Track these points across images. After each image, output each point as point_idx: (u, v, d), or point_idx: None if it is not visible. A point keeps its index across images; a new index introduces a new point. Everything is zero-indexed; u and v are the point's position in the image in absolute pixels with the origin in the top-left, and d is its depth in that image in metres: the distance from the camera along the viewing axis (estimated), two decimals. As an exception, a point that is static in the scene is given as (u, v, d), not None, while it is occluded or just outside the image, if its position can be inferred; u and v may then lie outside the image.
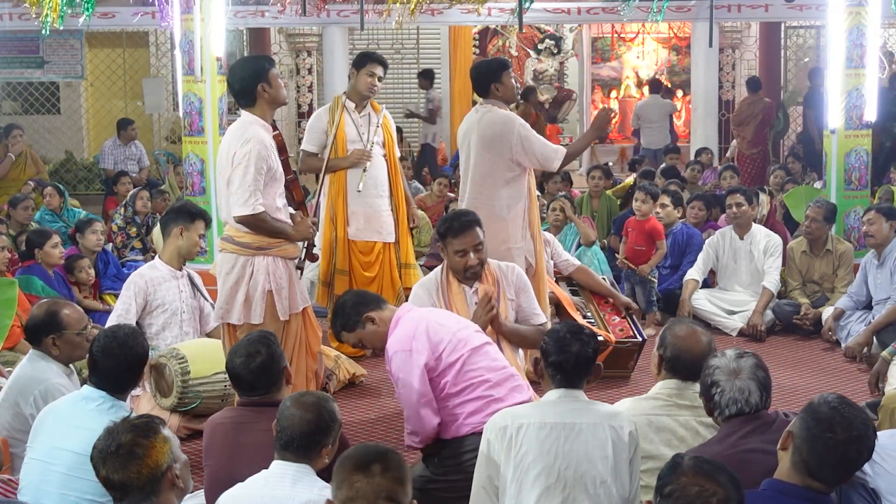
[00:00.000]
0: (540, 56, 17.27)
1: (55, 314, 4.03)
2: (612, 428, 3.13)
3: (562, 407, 3.18)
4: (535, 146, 5.37)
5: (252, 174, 4.46)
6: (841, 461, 2.63)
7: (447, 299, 4.64)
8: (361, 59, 6.38)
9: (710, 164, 11.37)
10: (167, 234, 5.51)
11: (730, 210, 7.17)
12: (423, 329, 3.87)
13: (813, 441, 2.63)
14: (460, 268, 4.62)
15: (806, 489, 2.64)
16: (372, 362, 6.25)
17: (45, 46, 12.17)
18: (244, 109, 4.68)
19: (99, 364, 3.50)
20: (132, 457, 2.67)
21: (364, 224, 6.32)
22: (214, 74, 7.65)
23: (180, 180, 9.59)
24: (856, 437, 2.62)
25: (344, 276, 6.32)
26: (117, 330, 3.68)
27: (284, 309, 4.70)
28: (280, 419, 3.05)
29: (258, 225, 4.56)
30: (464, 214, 4.74)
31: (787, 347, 6.67)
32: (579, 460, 3.09)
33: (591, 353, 3.28)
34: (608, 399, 5.23)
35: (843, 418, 2.64)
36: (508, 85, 5.48)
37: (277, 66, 4.89)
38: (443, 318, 4.03)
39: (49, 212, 8.81)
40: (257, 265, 4.63)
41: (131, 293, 5.30)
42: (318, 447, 3.02)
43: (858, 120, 7.74)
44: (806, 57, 14.28)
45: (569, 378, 3.25)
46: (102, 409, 3.40)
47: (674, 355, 3.37)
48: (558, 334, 3.31)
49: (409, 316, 4.00)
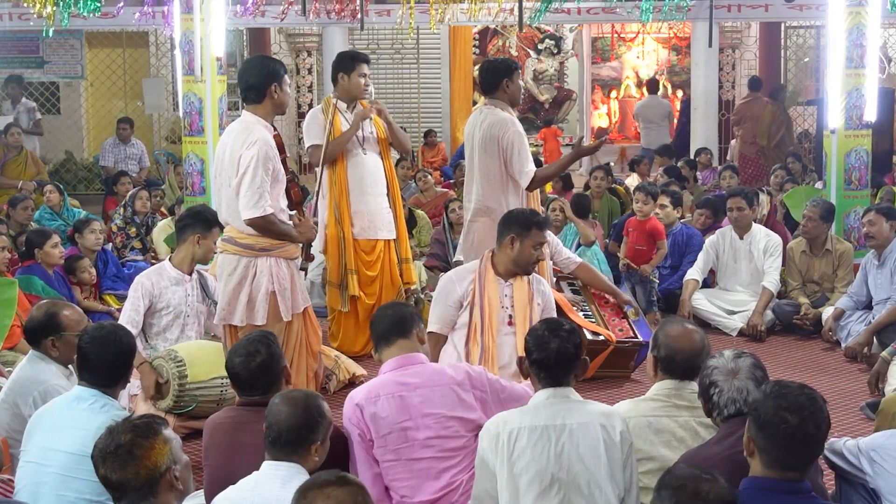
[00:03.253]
0: (540, 56, 17.28)
1: (54, 315, 4.02)
2: (602, 427, 3.12)
3: (551, 408, 3.17)
4: (516, 157, 5.45)
5: (260, 176, 4.50)
6: (805, 441, 2.63)
7: (482, 286, 4.81)
8: (349, 63, 6.30)
9: (710, 164, 11.38)
10: (182, 240, 5.49)
11: (730, 213, 7.17)
12: (378, 404, 3.50)
13: (772, 437, 2.63)
14: (532, 260, 4.83)
15: (782, 481, 2.64)
16: (372, 363, 6.24)
17: (45, 46, 12.18)
18: (249, 107, 4.72)
19: (88, 356, 3.49)
20: (130, 457, 2.67)
21: (368, 222, 6.33)
22: (214, 74, 7.65)
23: (180, 180, 9.59)
24: (808, 416, 2.62)
25: (354, 276, 6.32)
26: (103, 324, 3.72)
27: (288, 309, 4.73)
28: (268, 416, 3.05)
29: (267, 227, 4.59)
30: (538, 213, 4.98)
31: (787, 347, 6.66)
32: (572, 462, 3.07)
33: (571, 348, 3.26)
34: (608, 399, 5.24)
35: (789, 402, 2.64)
36: (517, 85, 5.61)
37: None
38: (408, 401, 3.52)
39: (49, 210, 8.81)
40: (260, 266, 4.66)
41: (138, 294, 5.29)
42: (307, 443, 3.01)
43: (858, 120, 7.73)
44: (806, 57, 14.28)
45: (553, 375, 3.23)
46: (94, 408, 3.40)
47: (667, 355, 3.36)
48: (537, 332, 3.31)
49: (386, 379, 3.58)
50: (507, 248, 4.77)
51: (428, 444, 3.46)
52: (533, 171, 5.45)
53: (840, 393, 5.59)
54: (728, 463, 2.96)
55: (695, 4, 10.61)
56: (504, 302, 4.84)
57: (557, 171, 5.60)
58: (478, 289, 4.80)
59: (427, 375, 3.55)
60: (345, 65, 6.32)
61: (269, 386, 3.45)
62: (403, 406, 3.47)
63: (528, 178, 5.42)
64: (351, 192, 6.28)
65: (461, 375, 3.58)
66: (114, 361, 3.51)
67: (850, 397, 5.52)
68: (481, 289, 4.80)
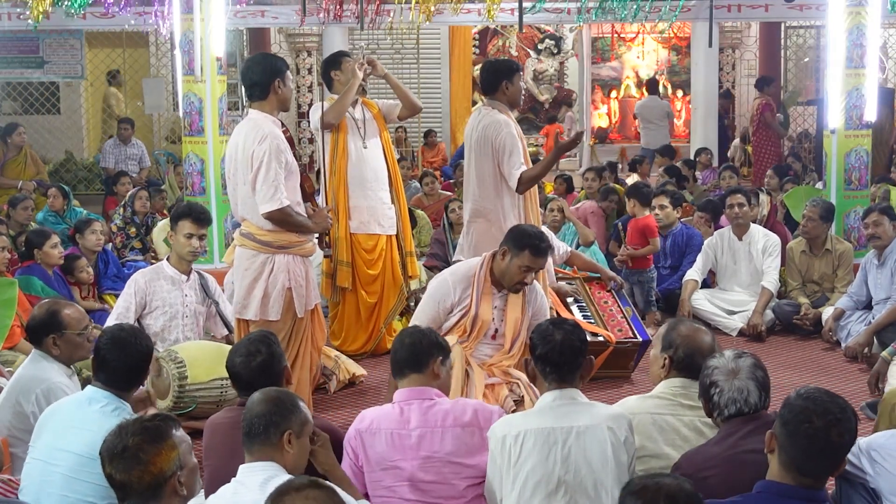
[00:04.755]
0: (540, 56, 17.28)
1: (56, 314, 4.02)
2: (610, 430, 3.12)
3: (558, 410, 3.16)
4: (507, 159, 5.42)
5: (274, 169, 4.61)
6: (825, 448, 2.62)
7: (479, 291, 4.67)
8: (334, 60, 6.43)
9: (710, 164, 11.37)
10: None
11: (731, 210, 7.17)
12: (376, 437, 3.42)
13: (794, 435, 2.63)
14: (515, 280, 4.64)
15: (799, 487, 2.64)
16: (372, 362, 6.26)
17: (45, 46, 12.15)
18: (254, 104, 4.82)
19: (107, 358, 3.49)
20: (136, 461, 2.67)
21: (367, 217, 6.34)
22: (214, 74, 7.65)
23: (180, 180, 9.59)
24: (834, 422, 2.62)
25: (347, 269, 6.33)
26: (123, 326, 3.74)
27: (302, 306, 4.82)
28: (244, 412, 3.04)
29: (284, 219, 4.69)
30: (545, 240, 4.72)
31: (787, 347, 6.66)
32: (578, 465, 3.07)
33: (577, 341, 3.25)
34: (608, 399, 5.24)
35: (817, 405, 2.64)
36: (517, 86, 5.58)
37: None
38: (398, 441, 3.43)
39: (52, 213, 8.79)
40: (278, 263, 4.76)
41: (131, 291, 5.33)
42: (278, 432, 2.95)
43: (858, 120, 7.74)
44: (806, 57, 14.28)
45: (559, 371, 3.22)
46: (106, 410, 3.40)
47: (687, 354, 3.34)
48: (541, 327, 3.32)
49: (391, 412, 3.48)
50: (499, 258, 4.69)
51: (418, 486, 3.33)
52: (519, 173, 5.42)
53: (840, 393, 5.48)
54: (728, 463, 2.96)
55: (695, 4, 10.60)
56: (494, 314, 4.73)
57: (543, 170, 5.52)
58: (475, 295, 4.67)
59: (431, 415, 3.38)
60: (331, 64, 6.45)
61: (269, 386, 3.44)
62: (400, 444, 3.35)
63: (515, 180, 5.41)
64: (350, 186, 6.30)
65: (468, 415, 3.39)
66: (131, 364, 3.51)
67: (850, 397, 5.46)
68: (478, 295, 4.67)
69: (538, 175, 5.48)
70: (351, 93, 6.21)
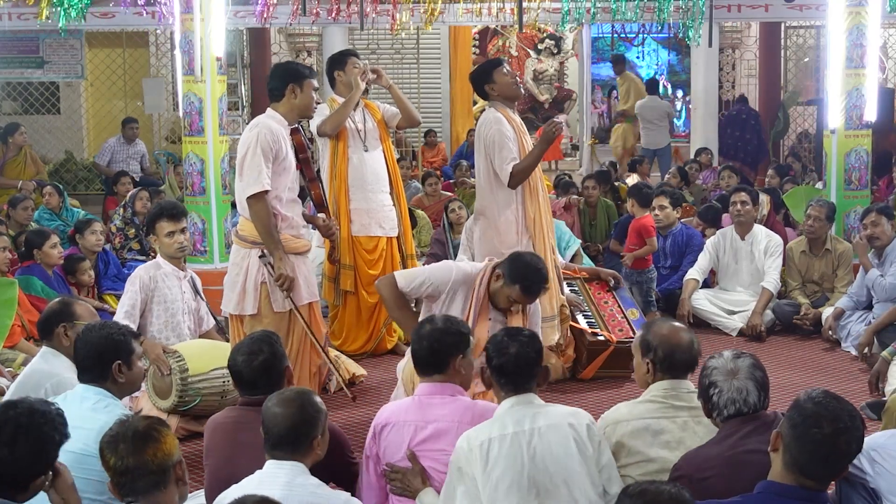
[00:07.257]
0: (540, 56, 17.28)
1: (69, 304, 4.18)
2: (571, 426, 3.13)
3: (516, 415, 3.17)
4: (497, 154, 5.43)
5: (259, 155, 4.67)
6: (830, 455, 2.62)
7: (476, 311, 4.51)
8: (339, 59, 6.42)
9: (710, 164, 11.37)
10: None
11: (734, 207, 7.16)
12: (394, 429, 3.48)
13: (801, 438, 2.62)
14: (503, 306, 4.57)
15: (800, 488, 2.64)
16: (372, 362, 6.26)
17: (45, 46, 12.14)
18: (271, 104, 4.95)
19: (79, 355, 3.54)
20: (149, 439, 2.70)
21: (368, 219, 6.34)
22: (214, 74, 7.65)
23: (180, 180, 9.58)
24: (843, 429, 2.62)
25: (349, 272, 6.33)
26: (90, 322, 3.87)
27: (279, 301, 4.79)
28: (264, 420, 3.04)
29: (261, 209, 4.71)
30: (545, 279, 4.55)
31: (787, 347, 6.67)
32: (546, 462, 3.08)
33: (532, 353, 3.26)
34: (608, 399, 5.25)
35: (828, 412, 2.64)
36: (501, 82, 5.56)
37: (316, 81, 5.09)
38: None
39: (48, 211, 8.79)
40: (252, 257, 4.76)
41: (136, 287, 5.26)
42: (308, 440, 3.02)
43: (858, 120, 7.74)
44: (806, 57, 14.27)
45: (513, 381, 3.24)
46: (98, 407, 3.41)
47: (667, 354, 3.33)
48: (496, 338, 3.32)
49: (411, 405, 3.54)
50: (494, 277, 4.58)
51: (429, 476, 3.36)
52: (511, 167, 5.42)
53: (840, 393, 5.45)
54: (728, 463, 2.96)
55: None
56: (491, 331, 4.46)
57: (533, 162, 5.49)
58: (474, 303, 4.53)
59: (449, 410, 3.41)
60: (336, 63, 6.43)
61: (271, 385, 3.43)
62: (415, 436, 3.40)
63: (507, 174, 5.42)
64: (351, 189, 6.31)
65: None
66: (100, 351, 3.49)
67: (850, 397, 5.42)
68: (474, 322, 4.45)
69: (529, 166, 5.50)
70: (350, 104, 6.20)
